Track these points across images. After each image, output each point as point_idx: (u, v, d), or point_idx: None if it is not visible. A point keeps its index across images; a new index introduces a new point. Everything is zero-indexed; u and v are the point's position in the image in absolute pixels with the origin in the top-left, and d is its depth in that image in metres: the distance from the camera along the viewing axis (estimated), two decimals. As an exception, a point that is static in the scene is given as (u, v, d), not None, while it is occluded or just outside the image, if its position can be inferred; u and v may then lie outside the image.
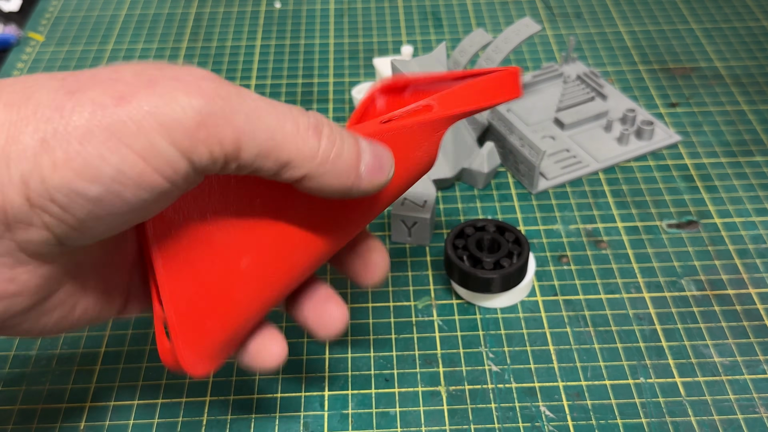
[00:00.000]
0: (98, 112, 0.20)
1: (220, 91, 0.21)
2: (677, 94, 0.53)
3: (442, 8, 0.64)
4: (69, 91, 0.21)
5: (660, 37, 0.59)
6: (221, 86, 0.22)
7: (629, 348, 0.37)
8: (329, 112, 0.53)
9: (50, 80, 0.21)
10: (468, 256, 0.38)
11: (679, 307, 0.39)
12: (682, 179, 0.46)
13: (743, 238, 0.42)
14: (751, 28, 0.60)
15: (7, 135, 0.20)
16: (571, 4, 0.64)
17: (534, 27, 0.46)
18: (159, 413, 0.35)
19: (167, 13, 0.64)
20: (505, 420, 0.34)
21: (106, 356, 0.37)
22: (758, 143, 0.49)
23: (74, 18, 0.64)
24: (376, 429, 0.34)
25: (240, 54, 0.59)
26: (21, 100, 0.21)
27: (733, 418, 0.34)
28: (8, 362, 0.37)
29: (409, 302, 0.39)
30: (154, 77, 0.21)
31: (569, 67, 0.54)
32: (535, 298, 0.39)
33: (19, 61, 0.59)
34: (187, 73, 0.22)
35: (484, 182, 0.46)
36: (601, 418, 0.34)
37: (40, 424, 0.34)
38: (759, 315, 0.38)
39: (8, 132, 0.20)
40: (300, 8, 0.65)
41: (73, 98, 0.20)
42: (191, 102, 0.21)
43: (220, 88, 0.22)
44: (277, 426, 0.34)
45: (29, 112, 0.20)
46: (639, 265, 0.41)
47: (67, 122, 0.20)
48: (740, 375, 0.35)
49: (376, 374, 0.36)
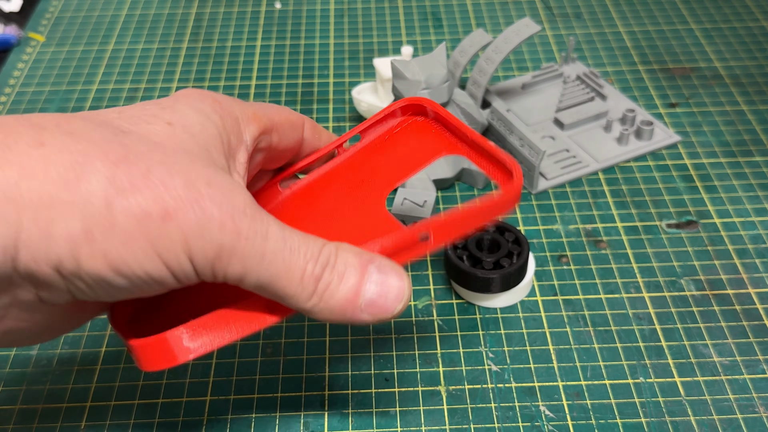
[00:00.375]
0: (144, 223, 0.21)
1: (250, 231, 0.23)
2: (677, 94, 0.53)
3: (442, 8, 0.64)
4: (120, 189, 0.21)
5: (660, 37, 0.59)
6: (253, 224, 0.23)
7: (629, 348, 0.37)
8: (329, 112, 0.53)
9: (103, 162, 0.22)
10: (468, 256, 0.38)
11: (678, 306, 0.39)
12: (681, 179, 0.46)
13: (743, 238, 0.42)
14: (751, 28, 0.60)
15: (54, 214, 0.21)
16: (571, 4, 0.64)
17: (534, 27, 0.46)
18: (159, 413, 0.35)
19: (167, 14, 0.64)
20: (505, 420, 0.34)
21: (106, 356, 0.37)
22: (758, 143, 0.49)
23: (75, 18, 0.64)
24: (376, 429, 0.34)
25: (240, 54, 0.59)
26: (72, 178, 0.21)
27: (732, 418, 0.34)
28: (8, 362, 0.37)
29: (409, 302, 0.39)
30: (200, 196, 0.22)
31: (569, 68, 0.54)
32: (535, 297, 0.39)
33: (20, 62, 0.59)
34: (229, 203, 0.23)
35: (484, 182, 0.46)
36: (601, 418, 0.34)
37: (41, 424, 0.34)
38: (758, 315, 0.38)
39: (56, 210, 0.21)
40: (300, 8, 0.65)
41: (122, 199, 0.21)
42: (221, 238, 0.22)
43: (251, 227, 0.23)
44: (277, 426, 0.34)
45: (78, 197, 0.21)
46: (638, 265, 0.41)
47: (114, 222, 0.21)
48: (740, 375, 0.35)
49: (376, 374, 0.36)
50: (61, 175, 0.21)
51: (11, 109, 0.54)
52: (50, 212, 0.21)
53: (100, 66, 0.58)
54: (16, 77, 0.57)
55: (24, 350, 0.38)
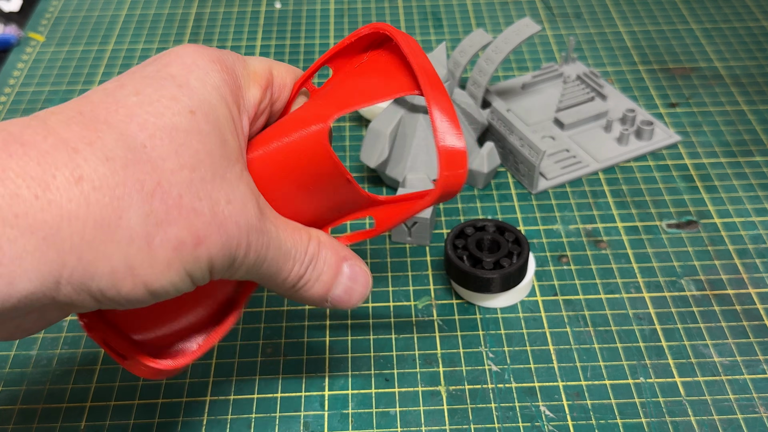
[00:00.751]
0: (180, 250, 0.23)
1: (258, 244, 0.26)
2: (677, 94, 0.53)
3: (442, 8, 0.64)
4: (157, 222, 0.23)
5: (660, 37, 0.59)
6: (260, 237, 0.26)
7: (629, 348, 0.37)
8: (329, 112, 0.53)
9: (140, 195, 0.22)
10: (468, 256, 0.38)
11: (678, 306, 0.39)
12: (681, 179, 0.46)
13: (743, 238, 0.42)
14: (751, 28, 0.60)
15: (97, 255, 0.22)
16: (571, 4, 0.64)
17: (534, 27, 0.46)
18: (159, 413, 0.35)
19: (167, 14, 0.64)
20: (505, 420, 0.34)
21: (106, 356, 0.37)
22: (758, 143, 0.49)
23: (74, 18, 0.64)
24: (376, 429, 0.34)
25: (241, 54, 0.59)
26: (113, 218, 0.22)
27: (732, 418, 0.34)
28: (8, 362, 0.37)
29: (409, 302, 0.39)
30: (224, 219, 0.24)
31: (569, 68, 0.54)
32: (535, 297, 0.39)
33: (20, 62, 0.59)
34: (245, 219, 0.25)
35: (484, 182, 0.46)
36: (601, 418, 0.34)
37: (41, 424, 0.34)
38: (759, 315, 0.38)
39: (99, 252, 0.22)
40: (300, 8, 0.65)
41: (160, 232, 0.23)
42: (236, 252, 0.25)
43: (259, 241, 0.26)
44: (277, 426, 0.34)
45: (120, 237, 0.22)
46: (639, 265, 0.41)
47: (154, 256, 0.23)
48: (740, 375, 0.35)
49: (376, 374, 0.36)
50: (103, 216, 0.22)
51: (11, 109, 0.54)
52: (94, 254, 0.22)
53: (100, 66, 0.58)
54: (15, 77, 0.57)
55: (24, 350, 0.38)
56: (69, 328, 0.38)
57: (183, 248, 0.23)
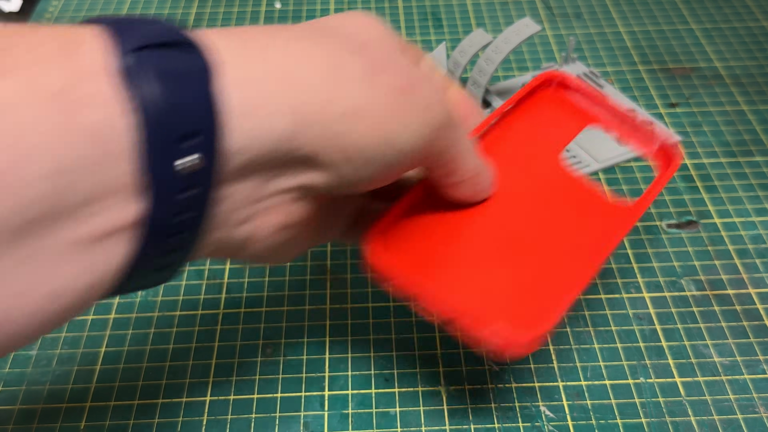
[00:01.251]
0: (397, 96, 0.25)
1: (453, 114, 0.27)
2: (677, 94, 0.53)
3: (442, 8, 0.64)
4: (374, 70, 0.24)
5: (660, 37, 0.59)
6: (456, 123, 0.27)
7: (629, 348, 0.37)
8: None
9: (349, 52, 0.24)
10: (468, 256, 0.38)
11: (678, 307, 0.39)
12: (681, 179, 0.46)
13: (743, 238, 0.42)
14: (751, 28, 0.60)
15: (330, 96, 0.23)
16: (571, 4, 0.64)
17: (534, 27, 0.46)
18: (159, 413, 0.35)
19: (167, 14, 0.64)
20: (505, 420, 0.34)
21: (106, 356, 0.37)
22: (758, 143, 0.49)
23: (74, 18, 0.64)
24: (376, 429, 0.34)
25: (240, 54, 0.59)
26: (336, 64, 0.24)
27: (732, 418, 0.34)
28: (8, 362, 0.37)
29: (409, 302, 0.39)
30: (425, 76, 0.26)
31: (569, 68, 0.54)
32: (535, 298, 0.39)
33: (20, 62, 0.59)
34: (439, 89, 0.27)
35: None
36: (601, 418, 0.34)
37: (40, 424, 0.34)
38: (759, 315, 0.38)
39: (331, 93, 0.23)
40: (300, 8, 0.65)
41: (376, 79, 0.24)
42: (441, 113, 0.26)
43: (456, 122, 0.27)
44: (277, 426, 0.34)
45: (346, 80, 0.24)
46: (639, 265, 0.41)
47: (378, 97, 0.24)
48: (740, 375, 0.35)
49: (376, 374, 0.36)
50: (326, 63, 0.24)
51: (11, 109, 0.54)
52: (326, 95, 0.23)
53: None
54: (16, 77, 0.57)
55: (24, 350, 0.38)
56: (69, 328, 0.39)
57: (399, 93, 0.25)
